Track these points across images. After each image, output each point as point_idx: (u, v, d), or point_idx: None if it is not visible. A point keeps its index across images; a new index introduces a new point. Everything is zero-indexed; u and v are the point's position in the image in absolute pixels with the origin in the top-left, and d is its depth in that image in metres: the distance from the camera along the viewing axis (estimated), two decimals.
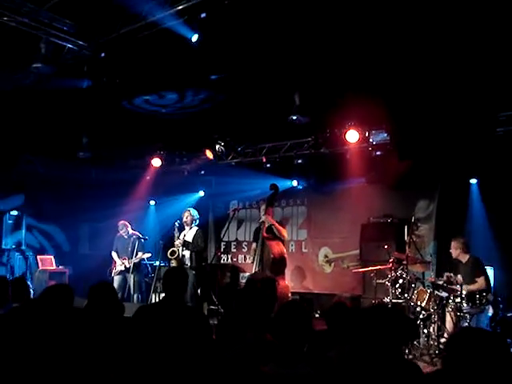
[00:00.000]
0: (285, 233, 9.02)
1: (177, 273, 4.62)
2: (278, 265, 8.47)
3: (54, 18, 7.30)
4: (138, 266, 10.34)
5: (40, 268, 10.92)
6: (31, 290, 5.65)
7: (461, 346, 2.38)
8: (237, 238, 12.80)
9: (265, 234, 8.66)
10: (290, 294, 8.62)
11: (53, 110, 9.49)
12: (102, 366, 3.13)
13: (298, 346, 3.20)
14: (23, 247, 11.51)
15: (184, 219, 9.72)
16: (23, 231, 11.33)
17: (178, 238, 9.61)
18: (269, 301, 4.43)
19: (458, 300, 7.57)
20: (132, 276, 10.13)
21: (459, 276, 7.69)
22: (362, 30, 6.49)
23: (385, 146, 9.23)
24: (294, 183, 11.26)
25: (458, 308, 7.58)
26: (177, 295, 4.37)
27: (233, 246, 12.86)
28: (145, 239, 10.45)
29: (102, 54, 7.83)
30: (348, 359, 2.91)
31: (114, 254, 10.49)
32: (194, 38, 7.00)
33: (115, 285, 10.01)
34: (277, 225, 8.81)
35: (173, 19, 6.95)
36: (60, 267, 11.19)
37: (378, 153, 9.35)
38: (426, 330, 7.97)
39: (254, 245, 9.03)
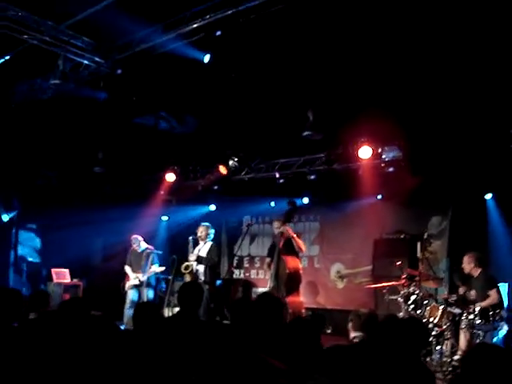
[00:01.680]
0: (303, 246, 9.05)
1: (193, 287, 4.67)
2: (293, 280, 8.49)
3: (72, 36, 7.46)
4: (151, 280, 10.38)
5: (54, 281, 10.99)
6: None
7: (476, 361, 2.40)
8: (249, 253, 12.83)
9: (281, 249, 8.68)
10: (303, 310, 8.63)
11: (69, 126, 9.64)
12: (118, 378, 3.18)
13: (307, 362, 3.21)
14: (38, 260, 11.63)
15: (199, 234, 9.74)
16: (38, 244, 11.46)
17: (193, 252, 9.66)
18: (273, 321, 4.43)
19: (472, 317, 7.53)
20: (145, 290, 10.15)
21: (473, 292, 7.67)
22: (375, 47, 6.56)
23: (397, 162, 9.25)
24: (305, 201, 11.30)
25: (471, 325, 7.54)
26: (192, 309, 4.41)
27: (246, 261, 12.90)
28: (158, 253, 10.50)
29: (119, 71, 7.98)
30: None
31: (127, 268, 10.53)
32: (206, 58, 7.12)
33: (128, 299, 10.06)
34: (296, 238, 8.84)
35: (185, 38, 7.09)
36: (74, 280, 11.27)
37: (391, 169, 9.36)
38: (438, 347, 7.93)
39: (268, 260, 9.05)
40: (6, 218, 11.13)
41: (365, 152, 9.27)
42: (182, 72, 7.65)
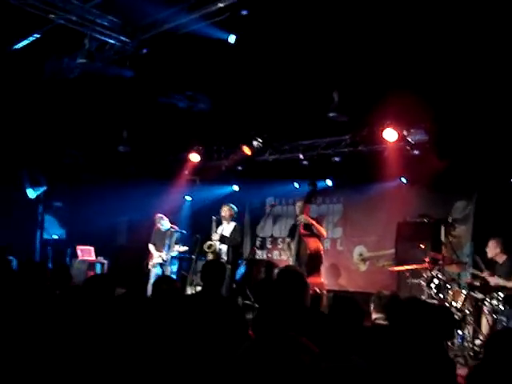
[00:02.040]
0: (324, 231, 9.05)
1: (216, 265, 4.71)
2: (314, 261, 8.51)
3: (98, 15, 7.49)
4: (174, 259, 10.50)
5: (79, 258, 11.15)
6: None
7: (500, 346, 2.39)
8: (272, 234, 12.87)
9: (302, 231, 8.69)
10: (325, 291, 8.65)
11: (95, 105, 9.72)
12: (142, 353, 3.23)
13: (351, 340, 3.23)
14: (64, 237, 11.80)
15: (222, 214, 9.81)
16: (64, 221, 11.61)
17: (216, 232, 9.73)
18: (296, 295, 4.45)
19: (495, 302, 7.49)
20: (169, 268, 10.28)
21: (496, 277, 7.61)
22: (403, 28, 6.48)
23: (423, 145, 9.14)
24: (329, 183, 11.26)
25: (494, 310, 7.49)
26: (215, 287, 4.45)
27: (268, 242, 12.94)
28: (182, 233, 10.59)
29: (144, 51, 7.99)
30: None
31: (151, 247, 10.65)
32: (232, 38, 7.09)
33: (152, 277, 10.19)
34: (316, 224, 8.84)
35: (210, 18, 7.06)
36: (99, 258, 11.42)
37: (416, 152, 9.27)
38: (460, 332, 7.90)
39: (288, 240, 9.07)
40: (33, 194, 11.29)
41: (390, 134, 9.18)
42: (207, 52, 7.63)
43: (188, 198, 13.52)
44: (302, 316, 3.86)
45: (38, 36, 7.91)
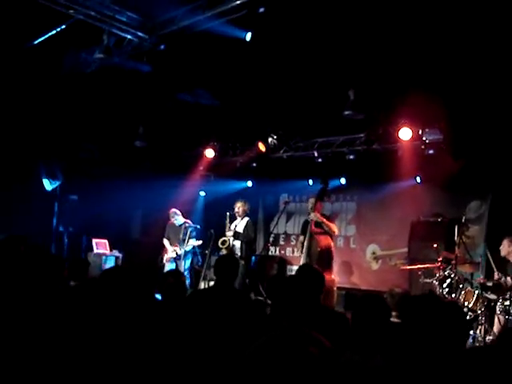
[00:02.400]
0: (335, 228, 9.07)
1: (229, 260, 4.76)
2: (325, 258, 8.54)
3: (117, 11, 7.57)
4: (189, 254, 10.57)
5: (94, 251, 11.25)
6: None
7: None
8: (286, 231, 12.91)
9: (313, 228, 8.73)
10: (335, 288, 8.68)
11: (111, 100, 9.80)
12: (155, 346, 3.29)
13: (377, 337, 3.27)
14: (78, 230, 11.89)
15: (236, 209, 9.89)
16: (79, 215, 11.69)
17: (230, 228, 9.79)
18: (313, 292, 4.49)
19: (508, 303, 7.48)
20: (183, 263, 10.35)
21: (508, 278, 7.60)
22: (419, 27, 6.48)
23: (438, 144, 9.14)
24: (342, 181, 11.28)
25: (506, 311, 7.49)
26: (228, 281, 4.51)
27: (281, 239, 12.98)
28: (196, 227, 10.66)
29: (162, 47, 8.06)
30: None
31: (165, 241, 10.74)
32: (248, 36, 7.13)
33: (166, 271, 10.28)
34: (326, 221, 8.87)
35: (227, 15, 7.11)
36: (114, 251, 11.51)
37: (431, 151, 9.26)
38: (472, 332, 7.89)
39: (301, 237, 9.10)
40: (49, 186, 11.41)
41: (405, 133, 9.19)
42: (224, 49, 7.67)
43: (202, 193, 13.59)
44: (317, 313, 3.90)
45: (57, 31, 8.01)
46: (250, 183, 12.99)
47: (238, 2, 6.84)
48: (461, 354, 2.80)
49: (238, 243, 9.65)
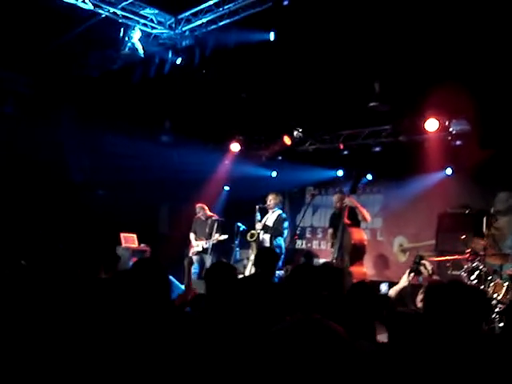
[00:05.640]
0: (368, 216, 9.04)
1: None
2: (358, 251, 8.55)
3: (142, 7, 7.66)
4: (215, 247, 10.58)
5: (123, 245, 11.36)
6: None
7: None
8: (312, 224, 12.91)
9: (346, 221, 8.70)
10: (367, 281, 8.68)
11: (138, 95, 9.89)
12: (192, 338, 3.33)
13: (364, 324, 3.32)
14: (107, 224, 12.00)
15: (267, 202, 9.80)
16: (107, 208, 11.80)
17: (260, 221, 9.73)
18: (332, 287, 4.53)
19: None
20: (209, 257, 10.39)
21: None
22: (445, 17, 6.43)
23: (465, 135, 9.05)
24: (369, 177, 11.18)
25: None
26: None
27: (308, 232, 12.99)
28: (222, 221, 10.67)
29: (187, 42, 8.13)
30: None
31: (191, 236, 10.80)
32: (271, 35, 7.17)
33: (192, 265, 10.35)
34: (360, 207, 8.83)
35: (252, 8, 7.15)
36: (142, 245, 11.61)
37: (458, 142, 9.19)
38: (501, 324, 7.81)
39: (330, 230, 9.07)
40: (79, 178, 11.54)
41: (432, 124, 9.12)
42: (250, 43, 7.71)
43: (226, 187, 13.56)
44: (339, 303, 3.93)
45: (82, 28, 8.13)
46: (274, 173, 12.91)
47: None
48: (479, 336, 2.83)
49: (267, 237, 9.54)
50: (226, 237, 10.62)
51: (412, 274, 6.37)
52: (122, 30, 7.90)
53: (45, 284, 4.03)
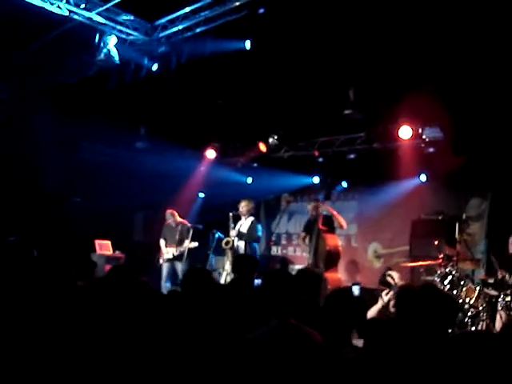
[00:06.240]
0: (344, 222, 9.11)
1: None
2: (333, 257, 8.61)
3: (117, 13, 7.64)
4: (189, 255, 10.43)
5: (97, 252, 11.25)
6: None
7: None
8: (287, 231, 12.94)
9: (321, 227, 8.75)
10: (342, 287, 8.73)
11: (113, 101, 9.83)
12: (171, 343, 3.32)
13: (345, 331, 3.35)
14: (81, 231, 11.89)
15: (240, 209, 9.78)
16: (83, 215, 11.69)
17: (234, 228, 9.73)
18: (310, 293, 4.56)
19: (509, 299, 7.50)
20: (180, 264, 10.21)
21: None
22: (418, 26, 6.53)
23: (438, 142, 9.18)
24: (344, 184, 11.28)
25: (508, 307, 7.51)
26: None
27: (283, 238, 13.01)
28: (196, 228, 10.40)
29: (162, 48, 8.13)
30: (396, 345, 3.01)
31: (161, 242, 10.63)
32: (247, 44, 7.21)
33: (164, 273, 10.26)
34: (336, 214, 8.90)
35: (228, 15, 7.18)
36: (116, 252, 11.51)
37: (431, 149, 9.32)
38: (474, 328, 7.91)
39: (302, 234, 9.10)
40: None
41: (405, 132, 9.23)
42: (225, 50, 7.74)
43: (201, 194, 13.50)
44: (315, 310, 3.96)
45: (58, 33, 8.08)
46: (250, 180, 12.90)
47: (237, 4, 6.92)
48: (446, 339, 2.87)
49: (242, 244, 9.53)
50: (196, 244, 10.32)
51: (386, 291, 6.47)
52: (98, 36, 7.87)
53: (19, 291, 3.98)
